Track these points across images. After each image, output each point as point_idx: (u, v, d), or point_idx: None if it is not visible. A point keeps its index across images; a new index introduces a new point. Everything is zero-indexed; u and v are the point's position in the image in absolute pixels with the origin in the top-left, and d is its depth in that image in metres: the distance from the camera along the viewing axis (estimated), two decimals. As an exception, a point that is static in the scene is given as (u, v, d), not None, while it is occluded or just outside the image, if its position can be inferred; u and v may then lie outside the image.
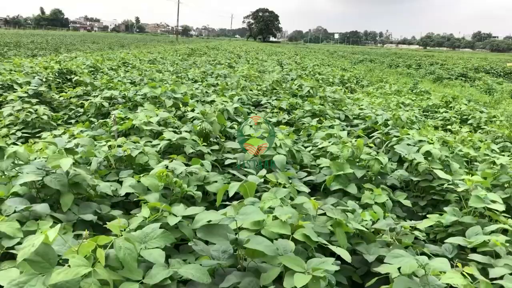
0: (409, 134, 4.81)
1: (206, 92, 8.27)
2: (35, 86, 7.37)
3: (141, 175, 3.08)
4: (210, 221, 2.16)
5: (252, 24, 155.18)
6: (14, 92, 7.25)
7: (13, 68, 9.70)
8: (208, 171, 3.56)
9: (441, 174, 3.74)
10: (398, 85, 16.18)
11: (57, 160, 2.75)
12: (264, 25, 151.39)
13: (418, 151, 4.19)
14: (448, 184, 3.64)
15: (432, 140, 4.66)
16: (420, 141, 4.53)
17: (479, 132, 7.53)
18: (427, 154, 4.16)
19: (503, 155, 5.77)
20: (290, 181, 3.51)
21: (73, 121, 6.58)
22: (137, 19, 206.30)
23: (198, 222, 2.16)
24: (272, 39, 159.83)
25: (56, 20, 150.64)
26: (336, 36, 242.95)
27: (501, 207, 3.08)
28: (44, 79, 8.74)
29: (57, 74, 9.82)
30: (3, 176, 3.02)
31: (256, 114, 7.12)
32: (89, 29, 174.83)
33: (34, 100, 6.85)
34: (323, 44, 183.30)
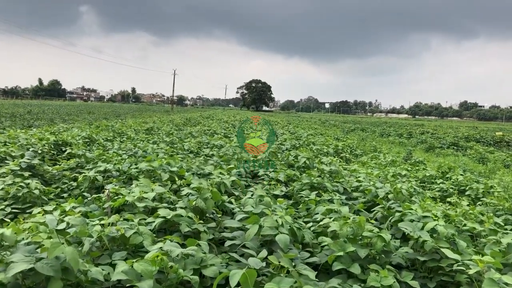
0: (412, 209, 4.68)
1: (203, 163, 8.22)
2: (28, 159, 7.27)
3: (134, 260, 2.90)
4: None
5: (246, 94, 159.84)
6: (7, 165, 7.14)
7: (8, 140, 9.66)
8: (205, 253, 3.38)
9: (449, 253, 3.58)
10: (392, 154, 16.30)
11: (57, 249, 2.58)
12: (257, 95, 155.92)
13: (423, 227, 4.05)
14: (458, 265, 3.47)
15: (436, 215, 4.52)
16: (424, 216, 4.40)
17: (479, 204, 7.42)
18: (432, 231, 4.02)
19: (506, 229, 5.63)
20: (293, 263, 3.33)
21: (65, 195, 6.41)
22: (133, 90, 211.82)
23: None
24: (264, 108, 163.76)
25: (53, 91, 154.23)
26: (327, 105, 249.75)
27: (517, 291, 2.90)
28: (39, 151, 8.67)
29: (52, 146, 9.76)
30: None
31: (253, 186, 7.01)
32: (86, 99, 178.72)
33: (26, 173, 6.72)
34: (314, 113, 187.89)
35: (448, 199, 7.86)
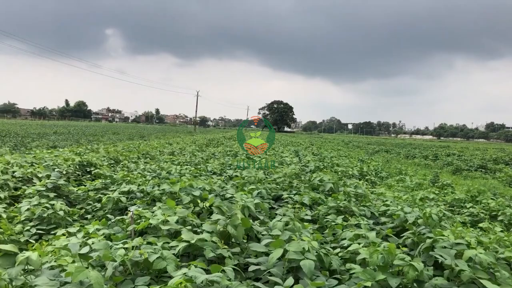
0: (443, 235, 4.47)
1: (225, 183, 8.14)
2: (54, 180, 7.34)
3: (158, 286, 2.81)
4: None
5: (267, 115, 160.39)
6: (34, 185, 7.22)
7: (34, 161, 9.81)
8: (230, 280, 3.27)
9: (488, 284, 3.37)
10: (418, 177, 15.91)
11: (82, 274, 2.53)
12: (279, 116, 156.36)
13: (457, 255, 3.85)
14: (498, 297, 3.26)
15: (470, 242, 4.31)
16: (457, 243, 4.19)
17: (513, 231, 7.10)
18: (468, 260, 3.82)
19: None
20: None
21: (89, 216, 6.42)
22: (157, 110, 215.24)
23: None
24: (286, 129, 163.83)
25: (79, 112, 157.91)
26: (350, 126, 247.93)
27: None
28: (64, 172, 8.77)
29: (77, 167, 9.87)
30: (10, 286, 2.79)
31: (276, 209, 6.88)
32: (111, 120, 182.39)
33: (51, 194, 6.77)
34: (337, 134, 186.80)
35: (480, 225, 7.55)
